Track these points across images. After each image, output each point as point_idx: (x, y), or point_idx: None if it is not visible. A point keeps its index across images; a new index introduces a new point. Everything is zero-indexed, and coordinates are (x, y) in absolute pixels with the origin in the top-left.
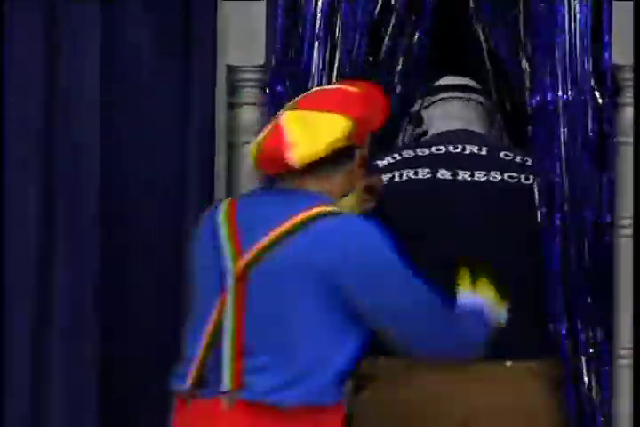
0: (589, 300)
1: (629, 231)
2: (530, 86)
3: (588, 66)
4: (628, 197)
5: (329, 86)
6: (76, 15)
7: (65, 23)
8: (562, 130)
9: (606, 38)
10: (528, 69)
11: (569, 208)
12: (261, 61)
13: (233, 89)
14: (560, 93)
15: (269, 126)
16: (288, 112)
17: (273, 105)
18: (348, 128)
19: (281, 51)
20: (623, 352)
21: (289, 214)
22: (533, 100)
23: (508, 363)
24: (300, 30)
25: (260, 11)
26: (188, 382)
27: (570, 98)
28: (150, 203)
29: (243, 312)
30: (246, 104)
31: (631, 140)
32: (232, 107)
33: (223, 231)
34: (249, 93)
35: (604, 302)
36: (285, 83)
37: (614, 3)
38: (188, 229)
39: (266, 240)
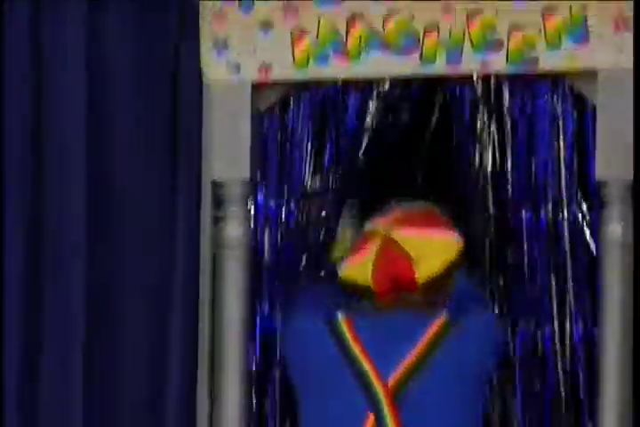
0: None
1: None
2: (512, 201)
3: (572, 181)
4: (615, 310)
5: (406, 207)
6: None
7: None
8: (545, 247)
9: (591, 154)
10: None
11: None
12: (247, 175)
13: (218, 203)
14: (543, 208)
15: (376, 247)
16: (397, 233)
17: (259, 219)
18: (461, 246)
19: (266, 164)
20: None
21: (422, 327)
22: (517, 215)
23: None
24: (287, 144)
25: (245, 125)
26: None
27: (552, 213)
28: (135, 307)
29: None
30: (231, 218)
31: (617, 253)
32: (217, 220)
33: (353, 350)
34: (234, 207)
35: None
36: (272, 196)
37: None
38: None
39: (413, 356)
